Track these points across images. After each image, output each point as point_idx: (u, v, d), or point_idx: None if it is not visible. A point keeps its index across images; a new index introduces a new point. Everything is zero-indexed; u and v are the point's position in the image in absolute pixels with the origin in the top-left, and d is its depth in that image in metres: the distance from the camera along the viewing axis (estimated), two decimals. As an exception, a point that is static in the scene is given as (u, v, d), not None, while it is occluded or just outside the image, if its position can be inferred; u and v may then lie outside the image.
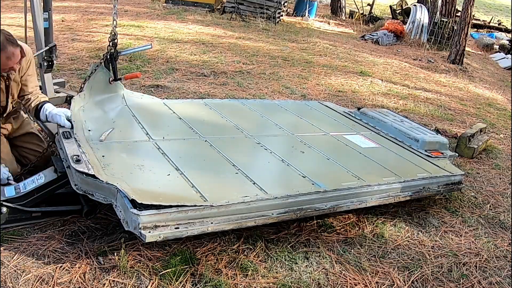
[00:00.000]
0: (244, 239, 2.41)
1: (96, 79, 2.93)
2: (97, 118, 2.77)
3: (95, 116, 2.78)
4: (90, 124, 2.66)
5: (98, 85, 2.95)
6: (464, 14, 8.65)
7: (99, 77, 2.94)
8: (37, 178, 2.33)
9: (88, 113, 2.76)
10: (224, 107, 3.52)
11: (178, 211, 1.98)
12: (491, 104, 6.48)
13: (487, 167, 4.03)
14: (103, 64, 2.95)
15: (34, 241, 2.20)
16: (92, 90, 2.90)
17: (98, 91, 2.95)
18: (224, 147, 2.76)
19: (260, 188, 2.32)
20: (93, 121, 2.71)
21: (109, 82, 3.00)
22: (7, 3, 8.59)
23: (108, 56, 2.95)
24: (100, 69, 2.93)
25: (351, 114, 4.03)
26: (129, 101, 3.10)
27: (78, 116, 2.64)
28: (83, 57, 5.48)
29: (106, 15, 8.34)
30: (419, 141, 3.44)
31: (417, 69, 7.90)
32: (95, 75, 2.91)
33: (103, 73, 2.96)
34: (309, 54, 7.55)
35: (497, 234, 2.94)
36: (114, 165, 2.29)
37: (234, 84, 5.30)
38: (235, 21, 9.58)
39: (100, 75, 2.94)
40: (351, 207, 2.57)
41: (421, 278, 2.37)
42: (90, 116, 2.74)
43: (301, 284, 2.18)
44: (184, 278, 2.08)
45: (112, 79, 3.01)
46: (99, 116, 2.82)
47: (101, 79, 2.96)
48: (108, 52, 2.95)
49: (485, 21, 15.71)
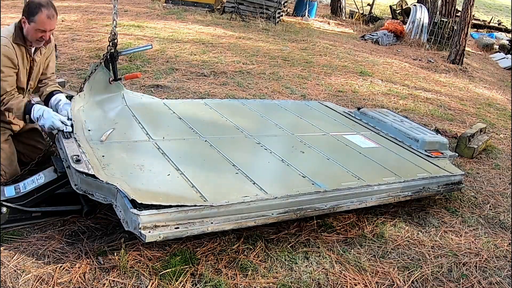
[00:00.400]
0: (244, 239, 2.41)
1: (96, 79, 2.93)
2: (97, 118, 2.77)
3: (95, 116, 2.78)
4: (90, 124, 2.66)
5: (98, 85, 2.94)
6: (464, 14, 8.65)
7: (99, 77, 2.94)
8: (37, 178, 2.33)
9: (88, 113, 2.76)
10: (224, 107, 3.52)
11: (178, 211, 1.98)
12: (491, 104, 6.48)
13: (487, 167, 4.03)
14: (103, 64, 2.95)
15: (34, 241, 2.20)
16: (92, 90, 2.90)
17: (98, 91, 2.95)
18: (224, 147, 2.76)
19: (260, 188, 2.32)
20: (93, 121, 2.71)
21: (109, 82, 3.00)
22: (7, 3, 8.59)
23: (108, 56, 2.95)
24: (100, 69, 2.93)
25: (351, 114, 4.03)
26: (129, 101, 3.10)
27: (78, 116, 2.64)
28: (83, 57, 5.48)
29: (106, 15, 8.33)
30: (419, 141, 3.44)
31: (417, 69, 7.91)
32: (95, 75, 2.91)
33: (103, 73, 2.96)
34: (309, 54, 7.55)
35: (497, 234, 2.94)
36: (114, 165, 2.29)
37: (234, 84, 5.30)
38: (235, 21, 9.58)
39: (100, 75, 2.94)
40: (351, 207, 2.57)
41: (421, 278, 2.37)
42: (90, 116, 2.74)
43: (301, 284, 2.18)
44: (184, 278, 2.08)
45: (112, 79, 3.01)
46: (99, 116, 2.82)
47: (101, 79, 2.96)
48: (108, 52, 2.95)
49: (485, 21, 15.71)
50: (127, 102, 3.09)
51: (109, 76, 2.99)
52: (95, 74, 2.90)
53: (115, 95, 3.06)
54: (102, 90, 2.97)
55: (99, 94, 2.95)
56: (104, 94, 2.98)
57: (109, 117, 2.86)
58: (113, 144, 2.53)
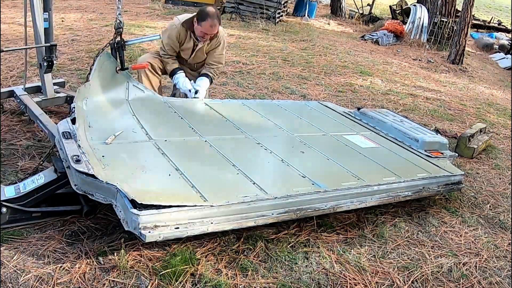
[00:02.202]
0: (244, 239, 2.41)
1: (103, 68, 2.85)
2: (99, 113, 2.71)
3: (97, 111, 2.71)
4: (92, 119, 2.62)
5: (104, 75, 2.87)
6: (464, 14, 8.65)
7: (106, 66, 2.86)
8: (37, 178, 2.32)
9: (91, 107, 2.70)
10: (224, 107, 3.53)
11: (178, 211, 1.98)
12: (491, 104, 6.48)
13: (487, 167, 4.03)
14: (111, 52, 2.88)
15: (34, 241, 2.20)
16: (98, 80, 2.83)
17: (104, 81, 2.87)
18: (224, 147, 2.76)
19: (260, 188, 2.32)
20: (94, 116, 2.65)
21: (116, 71, 2.94)
22: (7, 3, 8.59)
23: (115, 44, 2.89)
24: (107, 57, 2.85)
25: (351, 114, 4.03)
26: (131, 96, 3.05)
27: (81, 110, 2.60)
28: (83, 57, 5.47)
29: (106, 15, 8.34)
30: (419, 141, 3.44)
31: (417, 69, 7.91)
32: (102, 65, 2.83)
33: (110, 62, 2.88)
34: (309, 54, 7.55)
35: (497, 234, 2.94)
36: (114, 165, 2.29)
37: (234, 84, 5.30)
38: (235, 21, 9.58)
39: (107, 65, 2.87)
40: (351, 207, 2.57)
41: (421, 278, 2.37)
42: (92, 111, 2.69)
43: (301, 284, 2.18)
44: (184, 278, 2.08)
45: (119, 68, 2.95)
46: (101, 111, 2.75)
47: (108, 69, 2.88)
48: (114, 40, 2.89)
49: (485, 21, 15.70)
50: (129, 96, 3.04)
51: (116, 66, 2.93)
52: (102, 64, 2.83)
53: (119, 87, 3.00)
54: (108, 80, 2.89)
55: (104, 85, 2.87)
56: (109, 85, 2.90)
57: (110, 114, 2.82)
58: (113, 144, 2.53)
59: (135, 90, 3.17)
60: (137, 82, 3.23)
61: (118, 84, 2.99)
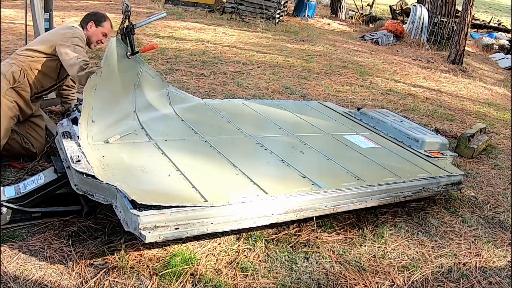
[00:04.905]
0: (244, 239, 2.42)
1: (114, 55, 2.78)
2: (105, 105, 2.66)
3: (104, 100, 2.66)
4: (95, 113, 2.57)
5: (115, 61, 2.79)
6: (464, 14, 8.64)
7: (116, 52, 2.78)
8: (37, 179, 2.33)
9: (99, 96, 2.63)
10: (224, 107, 3.52)
11: (178, 211, 1.98)
12: (491, 104, 6.48)
13: (487, 167, 4.03)
14: (121, 38, 2.85)
15: (34, 241, 2.20)
16: (109, 67, 2.75)
17: (114, 68, 2.80)
18: (224, 147, 2.76)
19: (260, 188, 2.32)
20: (100, 107, 2.61)
21: (127, 56, 2.90)
22: (7, 3, 8.59)
23: (124, 29, 2.87)
24: (118, 43, 2.81)
25: (351, 114, 4.03)
26: (138, 90, 3.01)
27: (88, 100, 2.54)
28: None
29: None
30: (419, 141, 3.44)
31: (417, 69, 7.91)
32: (112, 51, 2.76)
33: (120, 48, 2.82)
34: (309, 54, 7.56)
35: (497, 234, 2.94)
36: (114, 165, 2.29)
37: (234, 84, 5.30)
38: (235, 22, 9.58)
39: (118, 50, 2.79)
40: (351, 207, 2.57)
41: (421, 278, 2.37)
42: (98, 101, 2.62)
43: (301, 284, 2.18)
44: (184, 278, 2.08)
45: (130, 53, 2.91)
46: (107, 101, 2.70)
47: (119, 54, 2.81)
48: (123, 25, 2.87)
49: (485, 21, 15.70)
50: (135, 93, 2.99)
51: (126, 51, 2.89)
52: (112, 50, 2.75)
53: (130, 74, 2.94)
54: (119, 67, 2.82)
55: (115, 73, 2.80)
56: (120, 72, 2.83)
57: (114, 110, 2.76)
58: (114, 144, 2.53)
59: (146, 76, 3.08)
60: (149, 67, 3.16)
61: (129, 71, 2.93)
